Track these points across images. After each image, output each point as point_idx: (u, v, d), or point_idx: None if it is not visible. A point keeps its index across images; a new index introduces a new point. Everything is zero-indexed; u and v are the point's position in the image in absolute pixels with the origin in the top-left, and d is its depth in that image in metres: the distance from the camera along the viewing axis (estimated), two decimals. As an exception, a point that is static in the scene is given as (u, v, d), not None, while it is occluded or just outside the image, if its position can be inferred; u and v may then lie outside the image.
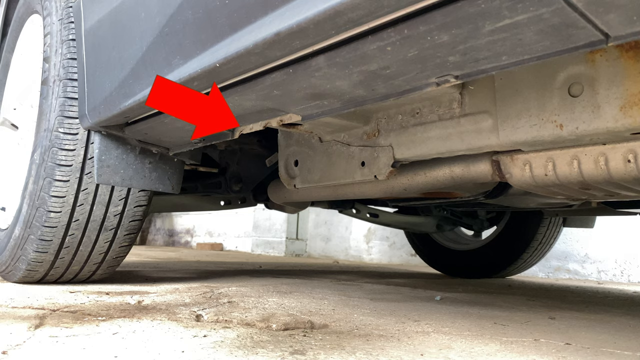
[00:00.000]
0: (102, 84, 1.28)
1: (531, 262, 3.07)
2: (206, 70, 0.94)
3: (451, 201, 1.77)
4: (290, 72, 0.87)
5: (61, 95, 1.48)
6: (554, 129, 1.04)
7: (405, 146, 1.30)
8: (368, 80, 0.83)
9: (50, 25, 1.59)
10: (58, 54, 1.52)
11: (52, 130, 1.48)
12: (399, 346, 1.02)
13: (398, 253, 4.80)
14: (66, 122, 1.47)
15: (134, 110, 1.20)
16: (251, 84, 0.95)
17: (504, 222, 2.99)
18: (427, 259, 3.42)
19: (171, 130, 1.28)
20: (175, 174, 1.54)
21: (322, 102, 0.96)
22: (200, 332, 1.05)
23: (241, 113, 1.09)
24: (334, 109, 0.99)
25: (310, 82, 0.88)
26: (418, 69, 0.77)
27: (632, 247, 3.45)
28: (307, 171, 1.56)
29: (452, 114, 1.20)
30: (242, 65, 0.89)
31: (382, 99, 0.89)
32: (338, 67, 0.81)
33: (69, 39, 1.50)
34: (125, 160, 1.44)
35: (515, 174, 1.26)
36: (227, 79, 0.97)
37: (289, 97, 0.96)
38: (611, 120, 0.96)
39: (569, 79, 1.01)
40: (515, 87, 1.09)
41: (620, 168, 1.10)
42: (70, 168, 1.48)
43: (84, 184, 1.50)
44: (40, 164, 1.51)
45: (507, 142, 1.12)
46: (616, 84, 0.95)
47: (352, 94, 0.91)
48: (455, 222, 2.94)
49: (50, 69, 1.55)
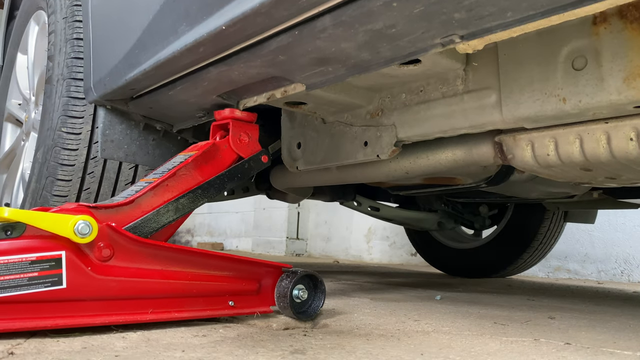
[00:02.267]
0: (108, 57, 1.29)
1: (531, 262, 3.06)
2: (212, 34, 0.95)
3: (453, 188, 1.77)
4: (296, 35, 0.87)
5: (65, 94, 1.48)
6: (557, 102, 1.04)
7: (408, 125, 1.31)
8: (373, 41, 0.84)
9: (54, 24, 1.59)
10: (62, 52, 1.52)
11: (55, 130, 1.49)
12: (399, 346, 1.01)
13: (398, 253, 4.80)
14: (69, 121, 1.47)
15: (139, 81, 1.21)
16: (256, 49, 0.96)
17: (504, 222, 2.99)
18: (427, 257, 3.41)
19: (176, 103, 1.29)
20: (178, 152, 1.54)
21: (327, 69, 0.97)
22: (200, 332, 1.05)
23: (245, 82, 1.09)
24: (338, 75, 0.99)
25: (315, 44, 0.88)
26: (423, 27, 0.78)
27: (632, 247, 3.44)
28: (310, 153, 1.56)
29: (455, 90, 1.21)
30: (249, 28, 0.90)
31: (387, 63, 0.90)
32: (344, 27, 0.81)
33: (74, 37, 1.50)
34: (129, 135, 1.45)
35: (517, 155, 1.27)
36: (232, 44, 0.98)
37: (294, 63, 0.96)
38: (614, 93, 0.97)
39: (573, 53, 1.02)
40: (519, 62, 1.09)
41: (623, 147, 1.10)
42: (73, 168, 1.48)
43: (87, 184, 1.51)
44: (43, 162, 1.52)
45: (510, 117, 1.12)
46: (620, 56, 0.96)
47: (357, 58, 0.91)
48: (456, 219, 2.93)
49: (54, 67, 1.55)
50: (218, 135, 1.26)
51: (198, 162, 1.19)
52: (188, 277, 1.10)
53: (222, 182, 1.22)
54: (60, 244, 0.97)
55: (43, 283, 0.94)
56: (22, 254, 0.93)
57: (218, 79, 1.11)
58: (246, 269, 1.18)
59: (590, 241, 3.59)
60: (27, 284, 0.93)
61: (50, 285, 0.95)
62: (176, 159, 1.22)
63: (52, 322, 0.95)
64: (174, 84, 1.21)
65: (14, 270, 0.92)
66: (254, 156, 1.25)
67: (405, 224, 2.99)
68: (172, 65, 1.11)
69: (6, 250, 0.92)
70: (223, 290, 1.14)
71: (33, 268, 0.94)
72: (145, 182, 1.16)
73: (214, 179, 1.20)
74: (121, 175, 1.56)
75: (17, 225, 0.95)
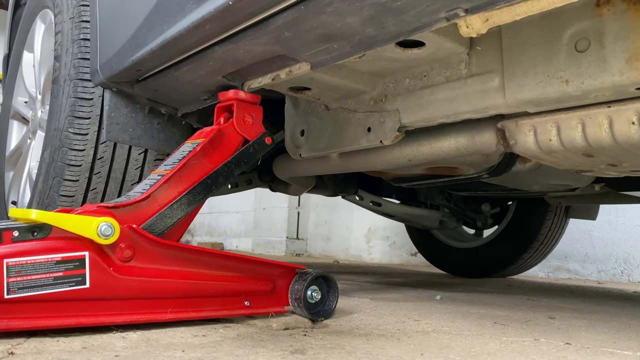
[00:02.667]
0: (115, 38, 1.30)
1: (532, 263, 3.06)
2: (219, 11, 0.96)
3: (455, 179, 1.77)
4: (302, 9, 0.88)
5: (72, 95, 1.49)
6: (559, 84, 1.05)
7: (411, 110, 1.32)
8: (378, 16, 0.85)
9: (61, 24, 1.60)
10: (69, 53, 1.53)
11: (62, 130, 1.49)
12: (399, 346, 1.02)
13: (398, 253, 4.80)
14: (76, 122, 1.48)
15: (146, 61, 1.22)
16: (262, 26, 0.97)
17: (505, 222, 2.99)
18: (427, 256, 3.41)
19: (181, 84, 1.30)
20: (182, 136, 1.55)
21: (332, 46, 0.98)
22: (200, 332, 1.06)
23: (251, 62, 1.10)
24: (343, 53, 1.00)
25: (321, 19, 0.89)
26: (428, 0, 0.79)
27: (632, 247, 3.44)
28: (314, 140, 1.57)
29: (459, 75, 1.22)
30: (255, 3, 0.91)
31: (392, 39, 0.91)
32: (349, 1, 0.82)
33: (80, 38, 1.51)
34: (134, 118, 1.46)
35: (520, 141, 1.27)
36: (239, 21, 0.99)
37: (299, 39, 0.97)
38: (617, 74, 0.98)
39: (576, 35, 1.03)
40: (522, 46, 1.10)
41: (625, 130, 1.11)
42: (80, 168, 1.49)
43: (93, 184, 1.52)
44: (50, 163, 1.53)
45: (513, 101, 1.13)
46: (623, 37, 0.97)
47: (362, 34, 0.92)
48: (458, 218, 2.93)
49: (61, 68, 1.55)
50: (222, 117, 1.27)
51: (206, 150, 1.20)
52: (205, 278, 1.12)
53: (230, 169, 1.23)
54: (84, 244, 1.01)
55: (67, 282, 0.98)
56: (48, 254, 0.97)
57: (223, 59, 1.12)
58: (261, 269, 1.21)
59: (590, 241, 3.59)
60: (53, 283, 0.97)
61: (74, 285, 0.99)
62: (184, 147, 1.24)
63: (76, 321, 0.99)
64: (180, 65, 1.22)
65: (40, 270, 0.96)
66: (258, 139, 1.26)
67: (407, 221, 2.99)
68: (178, 44, 1.12)
69: (33, 250, 0.96)
70: (239, 291, 1.17)
71: (58, 268, 0.98)
72: (158, 174, 1.18)
73: (222, 167, 1.21)
74: (127, 175, 1.57)
75: (44, 226, 0.99)
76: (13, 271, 0.94)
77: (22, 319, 0.94)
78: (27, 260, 0.95)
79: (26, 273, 0.94)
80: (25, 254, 0.95)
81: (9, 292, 0.93)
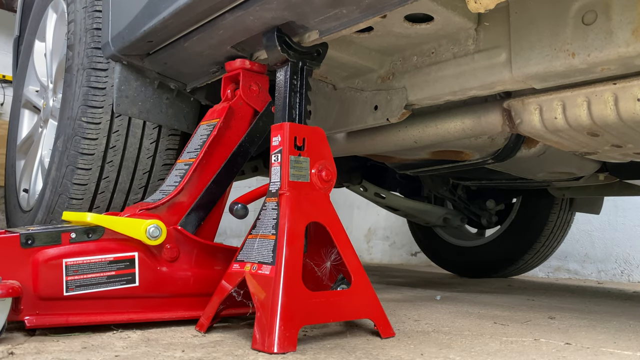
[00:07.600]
0: (128, 9, 1.31)
1: (533, 264, 3.06)
2: (232, -26, 0.97)
3: (460, 165, 1.78)
4: (314, -29, 0.90)
5: (85, 84, 1.50)
6: (566, 57, 1.06)
7: (418, 87, 1.33)
8: (390, -24, 0.86)
9: (74, 13, 1.61)
10: (82, 42, 1.54)
11: (75, 119, 1.51)
12: (398, 346, 1.02)
13: (398, 253, 4.80)
14: (89, 111, 1.50)
15: (157, 31, 1.24)
16: (274, -11, 0.98)
17: (508, 221, 2.99)
18: (429, 254, 3.41)
19: (190, 56, 1.32)
20: (191, 112, 1.57)
21: (341, 11, 0.99)
22: (200, 332, 1.07)
23: (261, 30, 1.12)
24: (352, 19, 1.02)
25: (333, -19, 0.90)
26: (440, -42, 0.80)
27: (632, 247, 3.44)
28: (320, 119, 1.58)
29: (466, 50, 1.23)
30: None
31: (400, 2, 0.92)
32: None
33: (93, 27, 1.52)
34: (143, 92, 1.47)
35: (525, 119, 1.29)
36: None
37: (309, 4, 0.99)
38: (623, 45, 0.99)
39: (583, 8, 1.04)
40: (529, 20, 1.12)
41: (630, 108, 1.12)
42: (93, 157, 1.51)
43: (106, 172, 1.54)
44: (63, 151, 1.54)
45: (520, 75, 1.14)
46: (629, 8, 0.98)
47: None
48: (463, 216, 2.91)
49: (74, 57, 1.56)
50: (229, 89, 1.29)
51: (223, 130, 1.23)
52: (244, 277, 1.18)
53: (246, 149, 1.27)
54: (133, 245, 1.08)
55: (119, 281, 1.06)
56: (102, 255, 1.06)
57: (233, 26, 1.13)
58: None
59: (590, 241, 3.59)
60: (106, 281, 1.05)
61: (125, 283, 1.06)
62: (201, 131, 1.26)
63: (127, 317, 1.07)
64: (190, 35, 1.24)
65: (95, 269, 1.04)
66: (265, 109, 1.28)
67: (410, 216, 2.99)
68: (190, 11, 1.13)
69: (89, 250, 1.05)
70: None
71: (111, 267, 1.05)
72: (184, 163, 1.22)
73: (237, 149, 1.25)
74: (139, 164, 1.59)
75: (97, 228, 1.06)
76: (71, 270, 1.02)
77: (79, 314, 1.02)
78: (84, 260, 1.03)
79: (82, 272, 1.03)
80: (82, 254, 1.03)
81: (68, 290, 1.01)
